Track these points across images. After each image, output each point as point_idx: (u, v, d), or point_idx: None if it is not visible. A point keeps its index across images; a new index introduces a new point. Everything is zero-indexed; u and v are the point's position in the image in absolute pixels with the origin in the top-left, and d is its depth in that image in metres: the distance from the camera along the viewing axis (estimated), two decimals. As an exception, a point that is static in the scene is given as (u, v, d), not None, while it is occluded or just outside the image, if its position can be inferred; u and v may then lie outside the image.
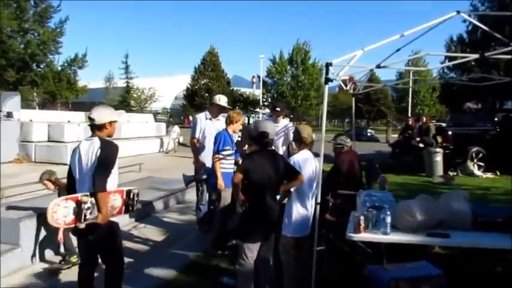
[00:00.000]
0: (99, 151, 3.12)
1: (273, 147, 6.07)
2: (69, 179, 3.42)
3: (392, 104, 53.06)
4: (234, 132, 5.26)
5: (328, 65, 3.41)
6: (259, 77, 43.32)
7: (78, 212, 3.13)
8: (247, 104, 46.01)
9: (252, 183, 3.27)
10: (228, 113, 5.23)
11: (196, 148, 5.87)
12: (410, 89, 48.20)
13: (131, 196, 3.53)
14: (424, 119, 13.44)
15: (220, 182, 4.85)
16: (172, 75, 67.53)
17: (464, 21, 22.30)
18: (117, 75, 53.23)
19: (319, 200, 3.43)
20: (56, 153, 12.77)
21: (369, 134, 34.41)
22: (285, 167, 3.41)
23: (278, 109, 6.35)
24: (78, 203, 3.12)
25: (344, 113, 52.45)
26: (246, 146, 7.03)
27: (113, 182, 3.30)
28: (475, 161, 11.63)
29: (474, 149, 11.53)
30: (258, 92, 45.09)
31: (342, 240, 3.59)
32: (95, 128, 3.28)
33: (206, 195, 5.76)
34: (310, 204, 3.62)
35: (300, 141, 3.70)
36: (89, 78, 36.22)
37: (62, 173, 4.61)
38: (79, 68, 27.94)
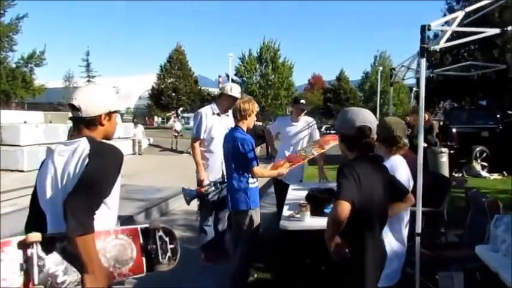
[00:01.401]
0: (86, 161, 1.82)
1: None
2: (32, 209, 2.03)
3: (362, 104, 53.21)
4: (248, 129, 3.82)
5: (425, 27, 2.44)
6: (227, 75, 42.22)
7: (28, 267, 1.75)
8: (215, 104, 44.86)
9: (357, 214, 1.94)
10: (236, 103, 3.70)
11: (200, 153, 4.55)
12: (379, 89, 48.48)
13: (155, 238, 2.07)
14: (426, 116, 12.69)
15: None
16: (136, 74, 65.31)
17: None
18: (78, 73, 50.73)
19: (419, 229, 2.34)
20: (10, 158, 11.31)
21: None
22: (390, 182, 2.23)
23: (303, 101, 5.10)
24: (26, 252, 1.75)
25: (313, 112, 52.18)
26: (258, 148, 5.96)
27: (111, 215, 2.01)
28: (479, 161, 10.98)
29: (478, 149, 10.86)
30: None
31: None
32: (82, 123, 1.97)
33: (211, 214, 4.56)
34: (406, 235, 2.53)
35: (392, 143, 2.64)
36: (46, 78, 33.77)
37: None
38: (36, 66, 26.11)
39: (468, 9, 3.07)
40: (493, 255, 2.42)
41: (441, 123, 12.33)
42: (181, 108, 46.40)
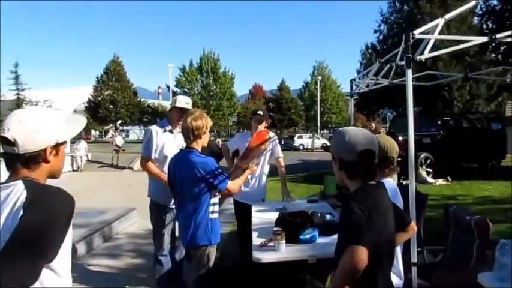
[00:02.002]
0: (20, 213, 1.33)
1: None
2: None
3: (302, 112, 54.25)
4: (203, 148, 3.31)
5: (409, 36, 2.20)
6: (168, 87, 41.39)
7: None
8: (156, 116, 43.93)
9: (370, 256, 1.65)
10: (187, 122, 3.07)
11: (153, 173, 4.05)
12: (319, 98, 49.71)
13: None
14: (373, 125, 12.87)
15: None
16: (70, 86, 62.42)
17: (375, 32, 23.75)
18: (5, 86, 47.51)
19: (415, 259, 2.09)
20: None
21: (288, 143, 34.09)
22: (395, 212, 1.92)
23: (260, 112, 4.63)
24: None
25: (255, 122, 52.29)
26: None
27: (62, 284, 1.47)
28: (424, 167, 11.27)
29: (423, 155, 11.13)
30: (165, 103, 43.15)
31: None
32: (18, 161, 1.47)
33: (167, 242, 4.08)
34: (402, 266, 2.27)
35: (385, 164, 2.40)
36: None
37: None
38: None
39: (448, 16, 2.93)
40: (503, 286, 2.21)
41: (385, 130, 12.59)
42: (119, 121, 44.88)
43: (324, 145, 30.25)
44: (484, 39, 3.45)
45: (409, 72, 2.83)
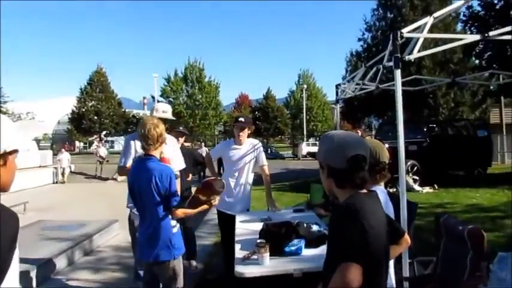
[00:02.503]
0: None
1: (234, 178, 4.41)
2: None
3: (289, 121, 54.37)
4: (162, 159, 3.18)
5: (397, 35, 2.10)
6: (153, 97, 41.12)
7: None
8: (142, 126, 43.60)
9: (365, 274, 1.47)
10: (143, 130, 2.93)
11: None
12: (304, 106, 49.90)
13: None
14: (360, 132, 12.85)
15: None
16: (53, 97, 61.71)
17: (359, 40, 23.96)
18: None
19: (406, 272, 1.94)
20: None
21: (273, 151, 34.00)
22: (388, 223, 1.76)
23: (242, 119, 4.47)
24: None
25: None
26: (190, 176, 5.35)
27: None
28: (410, 175, 11.21)
29: (409, 163, 11.04)
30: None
31: None
32: None
33: None
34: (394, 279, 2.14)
35: (377, 170, 2.27)
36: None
37: None
38: None
39: (436, 14, 2.84)
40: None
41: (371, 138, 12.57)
42: (104, 132, 44.39)
43: (309, 153, 30.18)
44: (477, 37, 3.39)
45: (398, 72, 2.72)
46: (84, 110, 42.09)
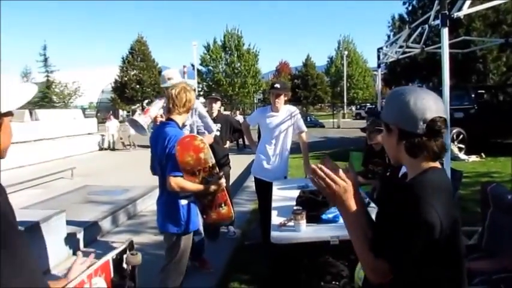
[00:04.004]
0: None
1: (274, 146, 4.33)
2: None
3: (329, 88, 53.37)
4: (183, 125, 3.20)
5: None
6: (193, 65, 41.23)
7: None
8: (182, 95, 44.06)
9: (441, 253, 1.28)
10: (173, 91, 2.84)
11: None
12: (345, 73, 48.71)
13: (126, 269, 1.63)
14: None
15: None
16: (97, 66, 63.18)
17: (404, 3, 22.82)
18: (35, 69, 48.51)
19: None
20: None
21: (312, 119, 33.61)
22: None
23: (277, 85, 4.33)
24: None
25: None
26: (228, 143, 5.34)
27: None
28: (456, 143, 10.75)
29: (455, 130, 10.58)
30: (191, 82, 43.13)
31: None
32: None
33: None
34: None
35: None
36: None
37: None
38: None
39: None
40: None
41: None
42: (146, 101, 45.25)
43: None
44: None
45: (445, 31, 2.52)
46: (126, 79, 42.77)
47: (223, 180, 2.83)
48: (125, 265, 1.78)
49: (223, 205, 2.89)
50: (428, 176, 1.34)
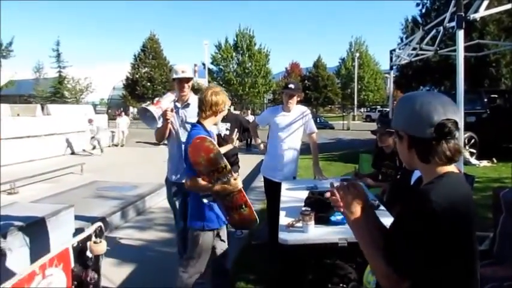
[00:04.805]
0: None
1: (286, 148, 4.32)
2: None
3: (339, 90, 53.09)
4: (215, 124, 3.20)
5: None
6: (204, 64, 41.33)
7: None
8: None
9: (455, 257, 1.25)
10: (205, 94, 2.92)
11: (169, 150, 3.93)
12: (356, 75, 48.44)
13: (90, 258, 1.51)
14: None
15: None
16: (109, 63, 63.66)
17: (418, 5, 22.66)
18: (48, 64, 48.84)
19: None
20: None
21: (322, 120, 33.47)
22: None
23: (291, 86, 4.31)
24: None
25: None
26: (237, 142, 5.32)
27: None
28: (467, 147, 10.64)
29: (466, 135, 10.42)
30: (201, 81, 43.21)
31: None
32: None
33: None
34: None
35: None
36: (15, 69, 32.37)
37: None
38: (3, 58, 24.75)
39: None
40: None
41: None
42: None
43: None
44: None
45: (461, 33, 2.48)
46: (137, 76, 42.97)
47: (239, 182, 2.84)
48: (88, 253, 1.72)
49: (243, 206, 2.92)
50: (444, 181, 1.30)
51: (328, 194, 1.44)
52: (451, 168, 1.35)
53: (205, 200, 2.90)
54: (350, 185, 1.44)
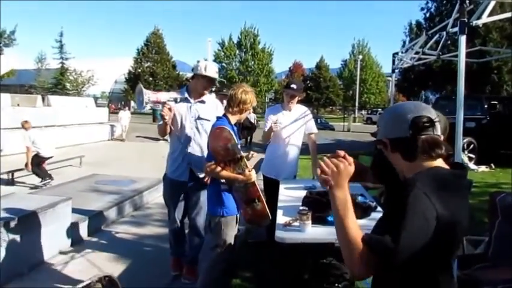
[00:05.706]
0: None
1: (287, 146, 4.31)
2: None
3: (341, 91, 53.07)
4: (239, 123, 3.27)
5: None
6: (206, 61, 41.27)
7: None
8: (194, 90, 44.13)
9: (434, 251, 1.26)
10: (235, 92, 3.04)
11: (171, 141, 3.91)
12: (358, 77, 48.42)
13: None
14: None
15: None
16: (111, 56, 63.59)
17: (422, 9, 22.71)
18: (50, 55, 48.68)
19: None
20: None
21: (323, 121, 33.45)
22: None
23: (294, 86, 4.27)
24: None
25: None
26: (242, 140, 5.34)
27: None
28: (466, 152, 10.68)
29: (466, 140, 10.47)
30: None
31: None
32: None
33: (179, 216, 3.96)
34: None
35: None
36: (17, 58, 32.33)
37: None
38: (5, 46, 24.68)
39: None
40: None
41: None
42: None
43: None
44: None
45: (463, 39, 2.48)
46: (140, 70, 42.98)
47: (254, 174, 2.96)
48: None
49: (257, 201, 3.03)
50: (431, 172, 1.34)
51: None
52: (439, 163, 1.38)
53: (224, 186, 3.03)
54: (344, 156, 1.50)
